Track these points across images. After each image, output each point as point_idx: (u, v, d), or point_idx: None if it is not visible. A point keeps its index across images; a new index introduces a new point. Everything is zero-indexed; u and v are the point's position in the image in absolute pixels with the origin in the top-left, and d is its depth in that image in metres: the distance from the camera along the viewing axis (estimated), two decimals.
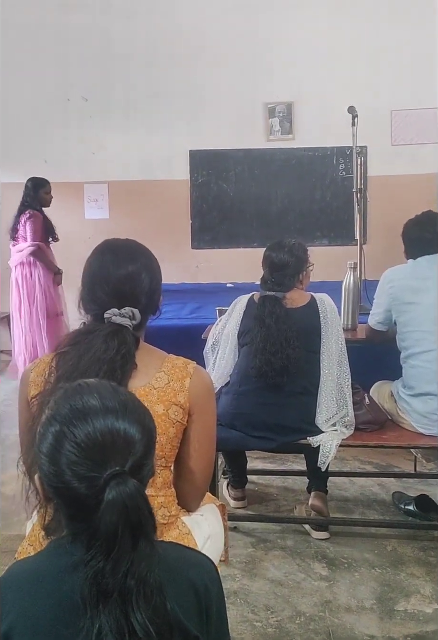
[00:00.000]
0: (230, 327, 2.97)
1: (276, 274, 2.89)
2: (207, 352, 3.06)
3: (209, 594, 1.11)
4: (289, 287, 2.89)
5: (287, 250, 2.92)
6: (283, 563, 2.79)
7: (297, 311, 2.84)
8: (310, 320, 2.84)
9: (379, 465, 3.75)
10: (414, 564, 2.75)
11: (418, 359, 2.85)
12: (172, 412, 1.63)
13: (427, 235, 2.95)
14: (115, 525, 1.01)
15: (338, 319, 2.93)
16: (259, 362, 2.77)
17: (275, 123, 6.24)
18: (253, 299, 2.96)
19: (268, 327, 2.79)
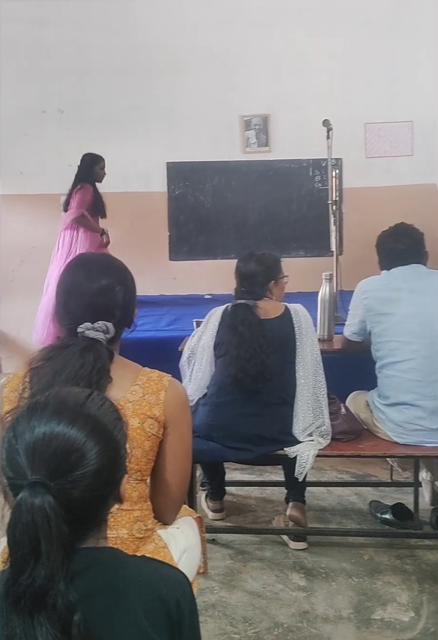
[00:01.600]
0: (206, 338, 2.98)
1: (245, 282, 2.96)
2: (183, 364, 3.06)
3: (181, 610, 1.11)
4: (259, 295, 2.93)
5: (256, 260, 2.98)
6: (262, 574, 2.79)
7: (271, 322, 2.86)
8: (285, 331, 2.87)
9: (356, 474, 3.77)
10: (391, 573, 2.77)
11: (393, 369, 2.88)
12: (147, 425, 1.63)
13: (400, 247, 2.99)
14: (12, 533, 1.00)
15: (313, 329, 2.95)
16: (234, 369, 2.79)
17: (251, 135, 6.28)
18: (228, 310, 2.98)
19: (241, 334, 2.81)
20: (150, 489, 1.72)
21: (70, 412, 1.10)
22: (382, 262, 3.07)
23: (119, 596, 1.07)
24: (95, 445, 1.08)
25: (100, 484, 1.08)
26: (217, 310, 3.02)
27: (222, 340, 2.91)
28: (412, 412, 2.81)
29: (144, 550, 1.63)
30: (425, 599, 2.59)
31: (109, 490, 1.11)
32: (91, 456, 1.07)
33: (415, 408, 2.80)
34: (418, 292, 2.89)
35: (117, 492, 1.14)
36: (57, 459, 1.05)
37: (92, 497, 1.07)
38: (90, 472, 1.06)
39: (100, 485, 1.08)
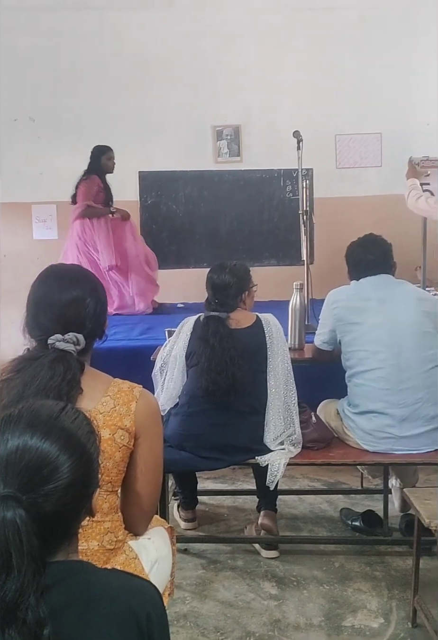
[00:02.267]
0: (178, 348, 2.99)
1: (219, 294, 2.95)
2: (156, 374, 3.06)
3: (151, 623, 1.11)
4: (232, 307, 2.94)
5: (228, 271, 2.98)
6: (233, 583, 2.80)
7: (242, 332, 2.87)
8: (256, 341, 2.89)
9: (327, 482, 3.81)
10: (361, 580, 2.80)
11: (362, 378, 2.92)
12: (118, 436, 1.63)
13: (369, 257, 3.03)
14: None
15: (284, 338, 2.98)
16: (205, 381, 2.80)
17: (223, 145, 6.32)
18: (200, 320, 2.99)
19: (213, 347, 2.82)
20: (121, 500, 1.72)
21: (44, 425, 1.10)
22: (351, 272, 3.12)
23: (89, 610, 1.07)
24: (68, 459, 1.08)
25: (72, 497, 1.08)
26: (189, 320, 3.03)
27: (194, 350, 2.91)
28: (381, 420, 2.85)
29: (114, 562, 1.63)
30: (395, 605, 2.62)
31: (81, 504, 1.11)
32: (64, 470, 1.07)
33: (384, 416, 2.84)
34: (386, 302, 2.93)
35: (89, 506, 1.14)
36: (29, 473, 1.05)
37: (63, 510, 1.07)
38: (62, 486, 1.06)
39: (72, 499, 1.08)
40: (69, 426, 1.13)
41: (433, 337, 2.91)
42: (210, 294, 3.00)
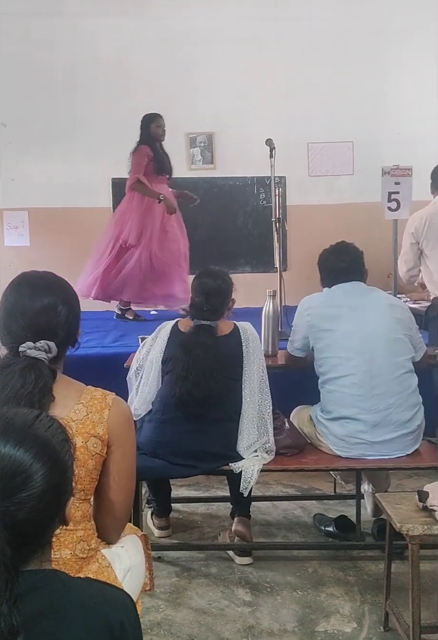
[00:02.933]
0: (154, 353, 2.97)
1: (212, 300, 2.90)
2: (131, 377, 3.03)
3: (125, 631, 1.11)
4: (221, 315, 2.94)
5: (222, 277, 2.97)
6: (207, 591, 2.80)
7: (222, 339, 2.87)
8: (233, 349, 2.89)
9: (301, 488, 3.83)
10: (334, 585, 2.82)
11: (335, 384, 2.94)
12: (90, 444, 1.63)
13: (341, 265, 3.07)
14: None
15: (261, 348, 2.99)
16: (180, 390, 2.79)
17: (196, 153, 6.34)
18: (177, 327, 2.97)
19: (196, 357, 2.79)
20: (93, 508, 1.71)
21: (18, 433, 1.10)
22: (324, 280, 3.15)
23: (62, 619, 1.07)
24: (42, 467, 1.08)
25: (46, 506, 1.07)
26: (167, 325, 3.01)
27: (171, 356, 2.90)
28: (353, 426, 2.88)
29: (87, 570, 1.62)
30: (367, 609, 2.64)
31: (54, 513, 1.10)
32: (37, 478, 1.07)
33: (357, 422, 2.87)
34: (358, 309, 2.96)
35: (63, 514, 1.13)
36: (2, 481, 1.04)
37: (37, 519, 1.06)
38: (35, 494, 1.06)
39: (46, 508, 1.07)
40: (43, 434, 1.12)
41: (404, 343, 2.95)
42: (200, 299, 2.92)
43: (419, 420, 2.94)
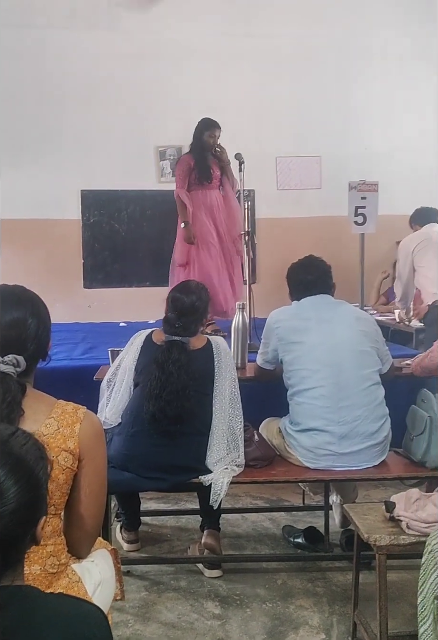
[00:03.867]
0: (128, 361, 2.95)
1: (185, 318, 2.88)
2: (103, 385, 3.01)
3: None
4: (195, 332, 2.92)
5: (197, 294, 2.94)
6: (177, 605, 2.79)
7: (193, 354, 2.87)
8: (205, 364, 2.88)
9: (270, 500, 3.85)
10: (303, 596, 2.84)
11: (303, 396, 2.97)
12: (61, 458, 1.62)
13: (309, 278, 3.10)
14: None
15: (233, 363, 2.99)
16: (152, 407, 2.77)
17: (166, 165, 6.37)
18: (151, 337, 2.96)
19: (170, 374, 2.78)
20: (64, 522, 1.70)
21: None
22: (292, 293, 3.18)
23: (35, 635, 1.06)
24: (15, 484, 1.07)
25: (18, 523, 1.07)
26: (142, 333, 3.00)
27: (141, 367, 2.89)
28: (321, 438, 2.91)
29: (57, 585, 1.61)
30: (335, 620, 2.67)
31: (26, 531, 1.10)
32: (9, 495, 1.06)
33: (325, 433, 2.90)
34: (326, 322, 3.00)
35: (34, 532, 1.13)
36: None
37: (8, 536, 1.06)
38: (7, 511, 1.05)
39: (18, 525, 1.07)
40: (18, 451, 1.12)
41: (371, 356, 3.00)
42: (172, 315, 2.91)
43: (386, 432, 2.98)
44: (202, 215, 4.92)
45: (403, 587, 2.82)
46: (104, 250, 6.40)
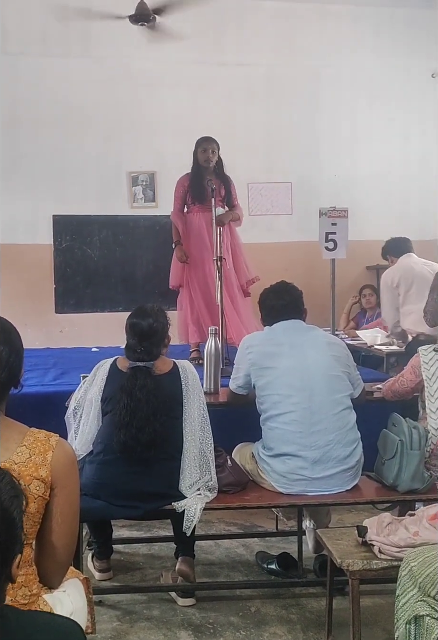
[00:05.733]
0: (93, 392, 2.93)
1: (145, 342, 2.87)
2: (69, 416, 2.98)
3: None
4: (157, 355, 2.91)
5: (154, 317, 2.92)
6: (149, 634, 2.75)
7: (159, 378, 2.88)
8: (173, 388, 2.88)
9: (243, 525, 3.83)
10: (277, 623, 2.82)
11: (276, 421, 2.98)
12: (33, 487, 1.61)
13: (281, 303, 3.13)
14: None
15: (200, 386, 2.99)
16: (124, 436, 2.75)
17: (138, 191, 6.39)
18: (116, 365, 2.94)
19: (138, 400, 2.76)
20: (35, 552, 1.68)
21: None
22: (265, 318, 3.21)
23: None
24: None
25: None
26: (105, 363, 2.99)
27: (110, 396, 2.87)
28: (294, 463, 2.91)
29: None
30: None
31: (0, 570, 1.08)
32: None
33: (297, 458, 2.90)
34: (298, 347, 3.03)
35: (9, 572, 1.11)
36: None
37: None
38: None
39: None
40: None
41: (342, 380, 3.02)
42: (133, 341, 2.90)
43: (358, 456, 3.00)
44: (197, 236, 4.82)
45: (377, 612, 2.82)
46: (76, 275, 6.39)
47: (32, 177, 6.12)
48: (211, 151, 4.79)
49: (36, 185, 6.13)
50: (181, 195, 4.88)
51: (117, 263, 6.43)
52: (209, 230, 4.68)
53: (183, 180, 4.90)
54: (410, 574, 2.00)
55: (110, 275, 6.43)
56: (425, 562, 1.98)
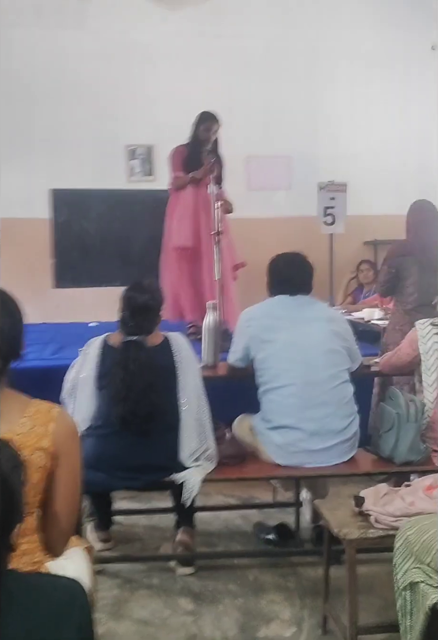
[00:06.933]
0: (86, 371, 2.94)
1: (139, 317, 2.89)
2: (65, 397, 2.99)
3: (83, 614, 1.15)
4: (150, 330, 2.93)
5: (149, 293, 2.95)
6: (150, 602, 2.80)
7: (152, 350, 2.88)
8: (166, 360, 2.91)
9: (241, 497, 3.87)
10: (274, 591, 2.88)
11: (275, 394, 3.01)
12: (36, 457, 1.63)
13: (293, 275, 3.09)
14: None
15: (193, 356, 3.01)
16: (122, 410, 2.78)
17: (136, 165, 6.36)
18: (107, 341, 2.96)
19: (133, 374, 2.79)
20: (39, 521, 1.70)
21: None
22: (271, 286, 3.16)
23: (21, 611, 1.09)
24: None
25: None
26: (95, 341, 3.00)
27: (104, 372, 2.89)
28: (292, 435, 2.95)
29: None
30: (306, 613, 2.71)
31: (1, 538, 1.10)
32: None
33: (296, 430, 2.94)
34: (297, 321, 3.04)
35: (8, 540, 1.13)
36: None
37: None
38: None
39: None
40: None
41: (341, 355, 3.05)
42: (127, 314, 2.92)
43: (355, 429, 3.04)
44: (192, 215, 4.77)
45: (373, 580, 2.87)
46: (73, 250, 6.37)
47: (27, 151, 6.08)
48: (213, 131, 4.79)
49: (32, 159, 6.10)
50: (179, 164, 4.82)
51: (114, 237, 6.41)
52: (206, 207, 4.63)
53: (181, 150, 4.86)
54: (406, 542, 2.04)
55: (107, 250, 6.41)
56: (420, 529, 2.02)
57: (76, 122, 6.14)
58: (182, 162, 4.84)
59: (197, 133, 4.82)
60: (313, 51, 6.48)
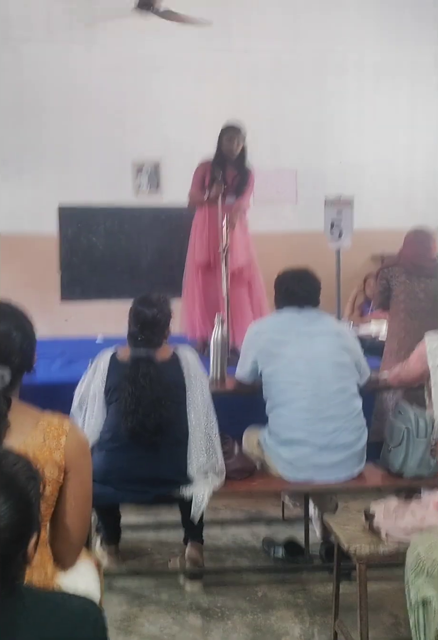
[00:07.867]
0: (95, 385, 2.95)
1: (147, 331, 2.91)
2: (74, 411, 3.00)
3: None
4: (159, 344, 2.94)
5: (158, 307, 2.95)
6: (158, 618, 2.79)
7: (161, 366, 2.89)
8: (175, 374, 2.91)
9: (249, 512, 3.85)
10: (283, 607, 2.85)
11: (283, 408, 3.00)
12: (47, 470, 1.63)
13: (301, 293, 3.09)
14: None
15: (201, 370, 3.01)
16: (131, 423, 2.79)
17: (143, 180, 6.39)
18: (116, 356, 2.96)
19: (142, 388, 2.80)
20: (49, 534, 1.71)
21: None
22: (278, 300, 3.17)
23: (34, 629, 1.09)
24: (5, 502, 1.09)
25: (8, 542, 1.08)
26: (104, 355, 3.00)
27: (113, 386, 2.89)
28: (301, 450, 2.93)
29: None
30: (316, 630, 2.69)
31: (16, 549, 1.11)
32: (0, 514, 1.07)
33: (305, 445, 2.93)
34: (306, 335, 3.03)
35: (25, 551, 1.13)
36: None
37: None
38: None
39: (8, 544, 1.08)
40: (8, 470, 1.14)
41: (349, 368, 3.04)
42: (135, 328, 2.93)
43: (363, 442, 3.03)
44: (209, 235, 4.77)
45: (383, 597, 2.85)
46: (81, 264, 6.40)
47: (38, 167, 6.12)
48: (236, 142, 4.71)
49: (41, 174, 6.13)
50: (200, 181, 4.79)
51: (122, 252, 6.43)
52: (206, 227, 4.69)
53: (202, 167, 4.81)
54: (418, 558, 2.02)
55: (116, 264, 6.44)
56: (431, 546, 2.00)
57: (85, 138, 6.18)
58: (199, 179, 4.82)
59: (221, 145, 4.76)
60: (321, 65, 6.51)
